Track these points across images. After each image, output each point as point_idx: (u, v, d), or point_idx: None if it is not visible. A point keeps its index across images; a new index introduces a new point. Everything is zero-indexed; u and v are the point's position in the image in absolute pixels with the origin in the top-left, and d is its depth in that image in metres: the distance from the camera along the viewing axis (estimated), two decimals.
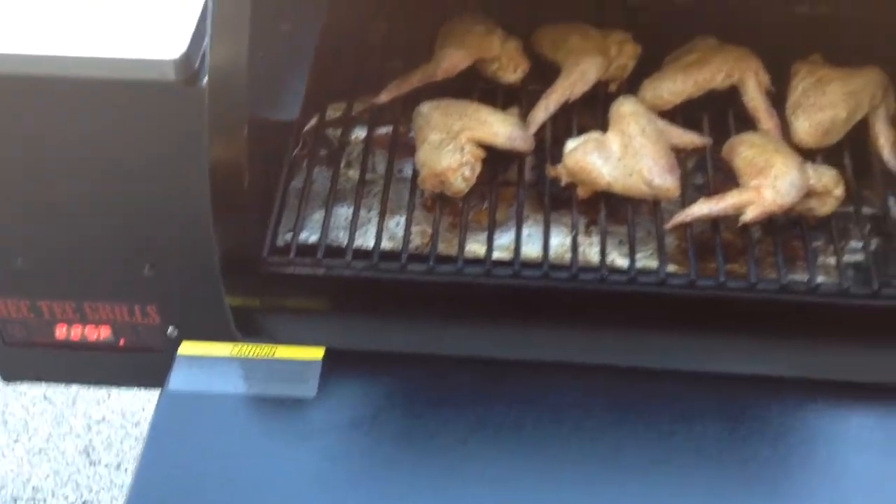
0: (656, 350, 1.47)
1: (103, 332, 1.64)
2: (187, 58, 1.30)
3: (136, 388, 2.34)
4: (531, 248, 1.52)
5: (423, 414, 1.41)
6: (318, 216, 1.53)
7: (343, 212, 1.57)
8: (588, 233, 1.57)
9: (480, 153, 1.49)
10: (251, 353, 1.49)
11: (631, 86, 1.66)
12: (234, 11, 1.22)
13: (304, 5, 1.48)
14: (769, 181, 1.39)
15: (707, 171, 1.55)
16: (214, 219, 1.31)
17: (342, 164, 1.65)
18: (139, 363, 1.67)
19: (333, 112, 1.70)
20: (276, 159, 1.55)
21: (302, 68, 1.41)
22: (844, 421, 1.41)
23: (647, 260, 1.51)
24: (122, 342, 1.64)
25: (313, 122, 1.67)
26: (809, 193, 1.43)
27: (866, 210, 1.58)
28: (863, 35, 1.72)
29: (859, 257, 1.47)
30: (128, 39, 1.34)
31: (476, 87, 1.67)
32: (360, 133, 1.68)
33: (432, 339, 1.51)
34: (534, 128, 1.59)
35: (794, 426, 1.39)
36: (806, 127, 1.52)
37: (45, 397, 2.96)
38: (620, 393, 1.44)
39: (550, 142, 1.60)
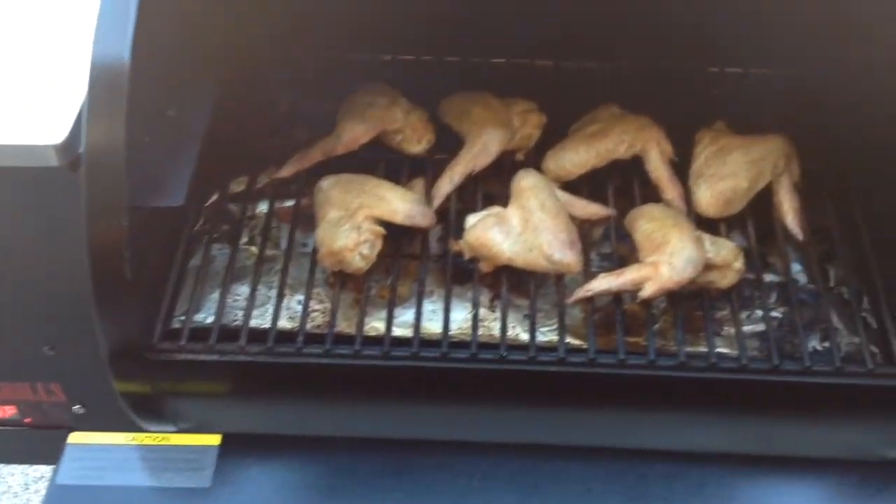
0: (558, 426, 1.45)
1: (8, 411, 1.60)
2: (69, 143, 1.27)
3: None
4: (435, 325, 1.50)
5: (322, 502, 1.38)
6: (217, 296, 1.50)
7: (243, 290, 1.54)
8: (492, 307, 1.55)
9: (380, 230, 1.47)
10: (145, 441, 1.45)
11: (539, 154, 1.65)
12: (110, 98, 1.19)
13: (192, 89, 1.45)
14: (666, 257, 1.38)
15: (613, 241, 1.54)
16: (97, 308, 1.27)
17: (244, 240, 1.62)
18: (48, 440, 1.62)
19: (237, 186, 1.68)
20: (169, 241, 1.51)
21: (191, 152, 1.38)
22: (750, 495, 1.40)
23: (552, 334, 1.49)
24: (28, 420, 1.61)
25: (215, 197, 1.64)
26: (709, 267, 1.42)
27: (772, 278, 1.57)
28: (768, 94, 1.74)
29: (763, 327, 1.46)
30: (10, 125, 1.31)
31: (382, 157, 1.65)
32: (263, 207, 1.65)
33: (331, 422, 1.48)
34: (438, 201, 1.58)
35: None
36: (707, 197, 1.52)
37: None
38: (524, 471, 1.42)
39: (456, 213, 1.58)
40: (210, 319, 1.46)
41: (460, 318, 1.52)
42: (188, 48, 1.46)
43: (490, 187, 1.65)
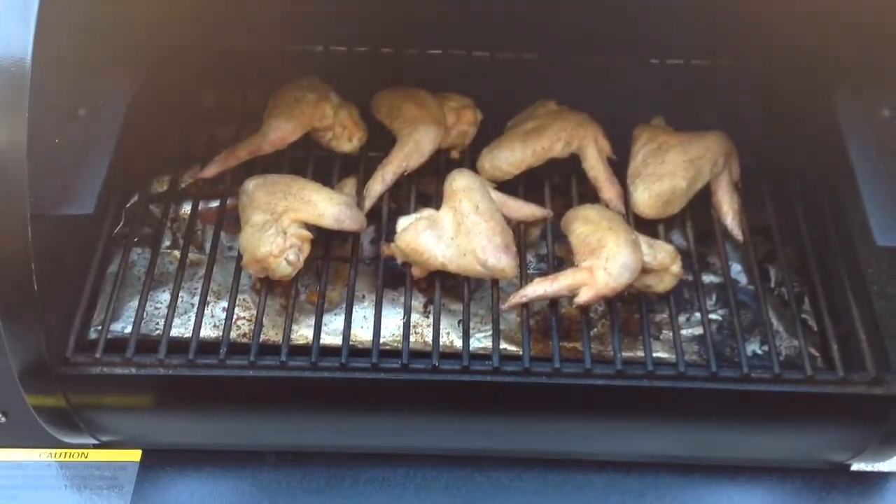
0: (494, 435, 1.41)
1: None
2: None
3: None
4: (367, 332, 1.45)
5: None
6: (136, 304, 1.43)
7: (165, 297, 1.47)
8: (426, 312, 1.50)
9: (307, 235, 1.41)
10: (62, 458, 1.38)
11: (476, 150, 1.60)
12: (11, 98, 1.11)
13: (105, 87, 1.37)
14: (601, 262, 1.33)
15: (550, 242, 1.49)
16: (3, 324, 1.20)
17: (166, 244, 1.55)
18: None
19: (159, 186, 1.61)
20: (85, 245, 1.44)
21: (104, 153, 1.30)
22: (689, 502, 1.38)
23: (487, 340, 1.45)
24: None
25: (135, 198, 1.56)
26: (647, 271, 1.38)
27: (712, 279, 1.54)
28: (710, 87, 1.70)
29: (702, 331, 1.43)
30: None
31: (312, 155, 1.59)
32: (187, 208, 1.58)
33: (258, 435, 1.42)
34: (370, 202, 1.52)
35: None
36: (645, 198, 1.48)
37: None
38: (459, 481, 1.38)
39: (389, 214, 1.53)
40: (129, 329, 1.38)
41: (393, 324, 1.47)
42: (100, 45, 1.38)
43: (425, 186, 1.59)
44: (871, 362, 1.34)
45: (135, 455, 1.37)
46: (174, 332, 1.40)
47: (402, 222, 1.43)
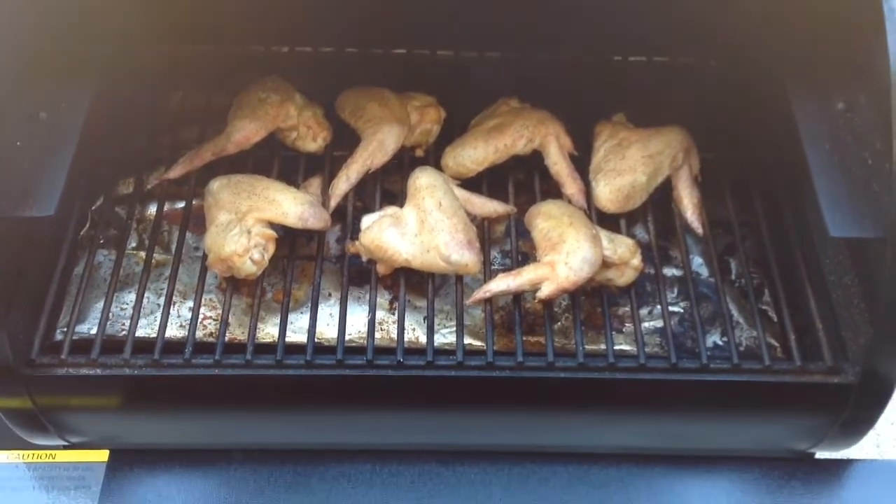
0: (458, 429, 1.43)
1: None
2: None
3: None
4: (332, 329, 1.46)
5: None
6: (102, 304, 1.43)
7: (131, 298, 1.47)
8: (392, 309, 1.51)
9: (271, 234, 1.42)
10: (29, 459, 1.38)
11: (440, 149, 1.61)
12: None
13: (67, 89, 1.37)
14: (562, 257, 1.35)
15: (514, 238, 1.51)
16: None
17: (132, 245, 1.56)
18: None
19: (125, 188, 1.61)
20: (51, 247, 1.44)
21: (65, 156, 1.31)
22: (652, 493, 1.39)
23: (452, 336, 1.46)
24: None
25: (101, 200, 1.57)
26: (608, 264, 1.40)
27: (673, 272, 1.56)
28: (671, 83, 1.72)
29: (663, 323, 1.45)
30: None
31: (277, 154, 1.60)
32: (152, 209, 1.58)
33: (225, 433, 1.43)
34: (335, 201, 1.53)
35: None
36: (607, 193, 1.50)
37: None
38: (424, 476, 1.39)
39: (354, 212, 1.54)
40: (94, 330, 1.39)
41: (359, 321, 1.48)
42: (62, 47, 1.38)
43: (390, 184, 1.61)
44: (828, 352, 1.36)
45: (102, 455, 1.38)
46: (140, 333, 1.41)
47: (367, 220, 1.45)
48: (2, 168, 1.17)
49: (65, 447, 1.42)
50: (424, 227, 1.41)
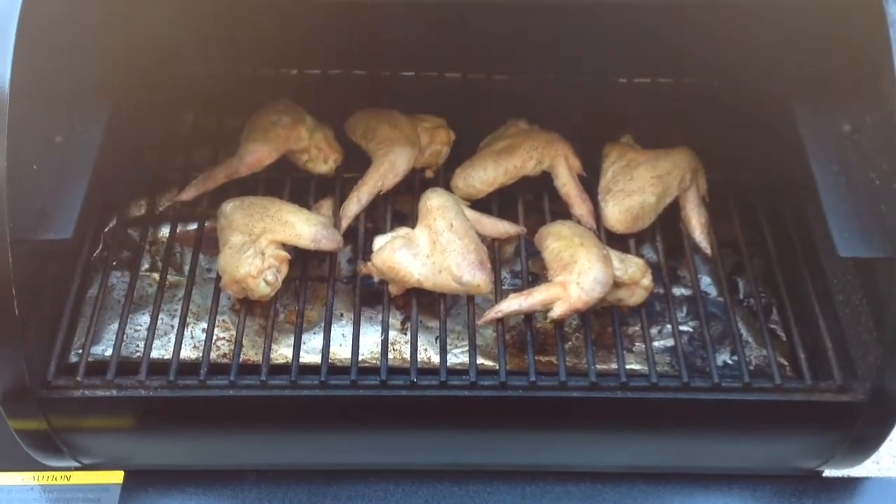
0: (472, 449, 1.43)
1: None
2: None
3: None
4: (345, 350, 1.47)
5: None
6: (116, 326, 1.44)
7: (145, 320, 1.49)
8: (404, 330, 1.52)
9: (284, 255, 1.43)
10: (45, 481, 1.39)
11: (449, 170, 1.63)
12: None
13: (82, 113, 1.39)
14: (574, 277, 1.36)
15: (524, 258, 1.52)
16: None
17: (145, 267, 1.57)
18: None
19: (137, 210, 1.62)
20: (65, 270, 1.45)
21: (82, 178, 1.32)
22: None
23: (464, 356, 1.47)
24: None
25: (114, 222, 1.58)
26: (618, 284, 1.41)
27: (682, 292, 1.58)
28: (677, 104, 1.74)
29: (673, 342, 1.46)
30: None
31: (288, 176, 1.61)
32: (165, 231, 1.60)
33: (240, 453, 1.44)
34: (346, 222, 1.54)
35: None
36: (616, 214, 1.51)
37: None
38: (439, 496, 1.40)
39: (366, 234, 1.55)
40: (109, 352, 1.40)
41: (371, 342, 1.49)
42: (76, 71, 1.40)
43: (400, 205, 1.62)
44: (837, 370, 1.38)
45: (117, 477, 1.38)
46: (155, 354, 1.41)
47: (379, 241, 1.46)
48: (19, 191, 1.18)
49: (78, 468, 1.43)
50: (436, 247, 1.42)
